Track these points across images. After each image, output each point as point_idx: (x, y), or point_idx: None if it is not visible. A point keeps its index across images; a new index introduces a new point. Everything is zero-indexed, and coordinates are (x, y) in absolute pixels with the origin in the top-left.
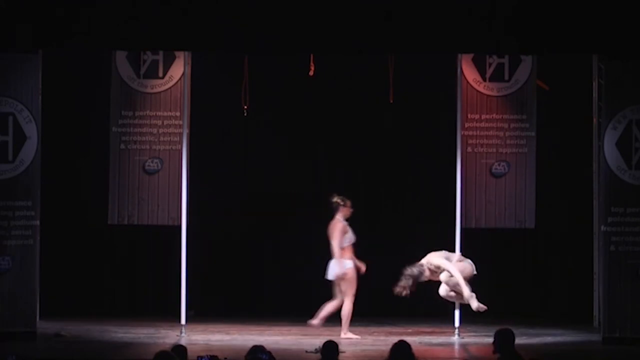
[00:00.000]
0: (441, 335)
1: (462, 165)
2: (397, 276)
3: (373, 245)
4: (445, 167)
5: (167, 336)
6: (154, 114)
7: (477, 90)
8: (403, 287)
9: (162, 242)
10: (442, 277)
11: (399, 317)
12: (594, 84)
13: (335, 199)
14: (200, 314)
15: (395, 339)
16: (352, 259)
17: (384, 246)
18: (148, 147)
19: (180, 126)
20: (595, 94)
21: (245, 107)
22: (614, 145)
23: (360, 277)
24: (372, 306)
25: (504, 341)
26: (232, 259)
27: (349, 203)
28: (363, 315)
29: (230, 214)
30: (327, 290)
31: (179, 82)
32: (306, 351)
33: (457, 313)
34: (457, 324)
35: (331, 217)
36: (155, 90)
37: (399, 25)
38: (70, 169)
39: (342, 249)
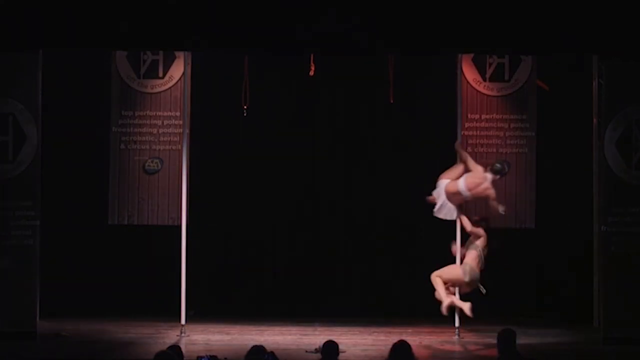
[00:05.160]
0: (441, 335)
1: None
2: (398, 276)
3: (373, 245)
4: (445, 167)
5: (167, 336)
6: (154, 114)
7: (477, 90)
8: None
9: (162, 242)
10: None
11: (399, 317)
12: (594, 84)
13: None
14: (200, 314)
15: (395, 339)
16: None
17: (384, 246)
18: (148, 147)
19: (180, 126)
20: (595, 94)
21: (245, 107)
22: (614, 145)
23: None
24: (372, 306)
25: (506, 341)
26: (233, 258)
27: None
28: (363, 315)
29: (230, 214)
30: (326, 290)
31: (179, 82)
32: (306, 351)
33: (457, 313)
34: (457, 324)
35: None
36: (155, 90)
37: (399, 25)
38: (70, 169)
39: None
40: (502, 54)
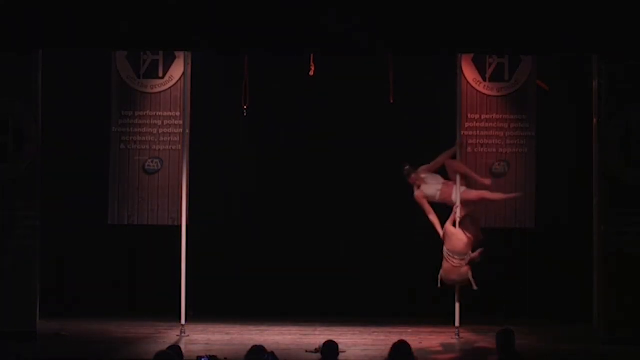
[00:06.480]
0: (441, 335)
1: None
2: (398, 276)
3: (372, 244)
4: (445, 167)
5: (167, 336)
6: (154, 114)
7: (477, 90)
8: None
9: (162, 242)
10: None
11: (399, 317)
12: (594, 83)
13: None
14: (200, 314)
15: (395, 339)
16: None
17: (383, 246)
18: (148, 147)
19: (180, 126)
20: (595, 94)
21: (245, 107)
22: (614, 145)
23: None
24: (372, 306)
25: (505, 342)
26: (233, 259)
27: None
28: (363, 315)
29: (230, 214)
30: (325, 290)
31: (179, 82)
32: (306, 351)
33: (457, 313)
34: (457, 324)
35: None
36: (155, 90)
37: (399, 25)
38: (70, 169)
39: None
40: (502, 54)
